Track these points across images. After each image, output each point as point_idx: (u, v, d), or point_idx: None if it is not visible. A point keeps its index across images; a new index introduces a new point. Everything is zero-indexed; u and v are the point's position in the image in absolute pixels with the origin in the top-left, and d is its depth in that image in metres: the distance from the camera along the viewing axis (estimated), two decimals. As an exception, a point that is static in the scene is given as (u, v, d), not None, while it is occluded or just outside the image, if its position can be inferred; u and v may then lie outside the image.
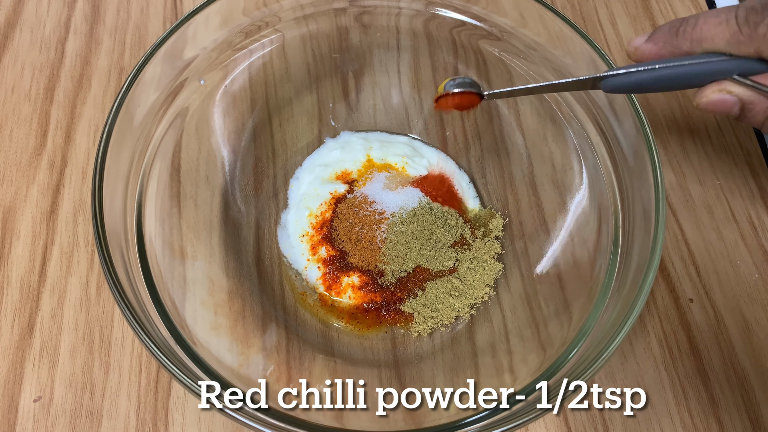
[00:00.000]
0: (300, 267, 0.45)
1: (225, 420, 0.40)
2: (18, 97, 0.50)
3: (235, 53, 0.44)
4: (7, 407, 0.40)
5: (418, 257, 0.44)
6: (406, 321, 0.43)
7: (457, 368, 0.41)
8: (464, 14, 0.44)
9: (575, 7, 0.57)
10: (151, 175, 0.40)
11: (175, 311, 0.36)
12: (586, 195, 0.42)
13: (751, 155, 0.50)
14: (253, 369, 0.38)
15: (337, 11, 0.46)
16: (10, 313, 0.42)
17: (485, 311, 0.43)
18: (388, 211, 0.45)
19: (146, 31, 0.54)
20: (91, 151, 0.48)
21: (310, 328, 0.43)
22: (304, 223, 0.46)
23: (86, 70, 0.52)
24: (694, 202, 0.48)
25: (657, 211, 0.34)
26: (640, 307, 0.32)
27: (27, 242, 0.45)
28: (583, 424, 0.40)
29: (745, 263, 0.46)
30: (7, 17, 0.54)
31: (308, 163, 0.48)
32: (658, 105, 0.52)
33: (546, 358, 0.37)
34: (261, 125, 0.48)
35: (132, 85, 0.37)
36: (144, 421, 0.40)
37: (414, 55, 0.49)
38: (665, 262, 0.46)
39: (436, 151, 0.49)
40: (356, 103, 0.50)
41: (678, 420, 0.41)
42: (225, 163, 0.46)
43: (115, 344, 0.42)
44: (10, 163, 0.48)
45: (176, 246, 0.40)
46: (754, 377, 0.42)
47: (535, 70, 0.44)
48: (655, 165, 0.35)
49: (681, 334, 0.43)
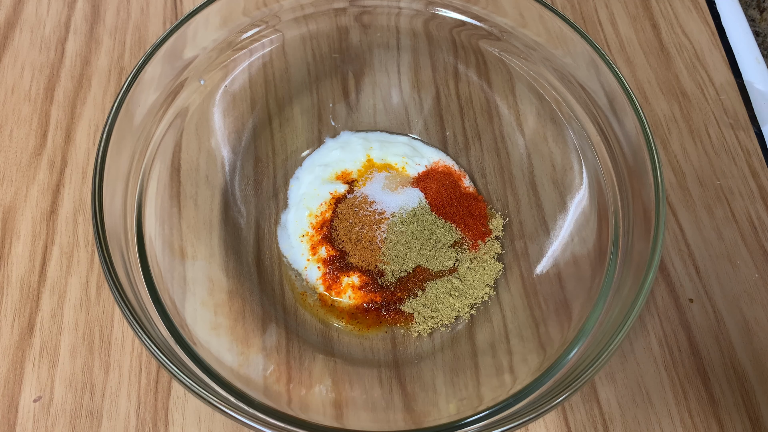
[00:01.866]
0: (300, 267, 0.45)
1: (225, 420, 0.40)
2: (18, 97, 0.50)
3: (235, 53, 0.44)
4: (7, 407, 0.40)
5: (418, 257, 0.44)
6: (406, 321, 0.43)
7: (457, 368, 0.41)
8: (464, 14, 0.44)
9: (575, 7, 0.57)
10: (151, 175, 0.40)
11: (175, 311, 0.36)
12: (586, 195, 0.42)
13: (751, 155, 0.50)
14: (253, 369, 0.38)
15: (337, 11, 0.46)
16: (10, 313, 0.42)
17: (485, 311, 0.43)
18: (388, 211, 0.45)
19: (146, 31, 0.54)
20: (91, 151, 0.48)
21: (310, 328, 0.43)
22: (304, 223, 0.46)
23: (86, 70, 0.52)
24: (694, 202, 0.48)
25: (657, 211, 0.34)
26: (640, 307, 0.32)
27: (27, 242, 0.45)
28: (583, 424, 0.40)
29: (745, 263, 0.46)
30: (7, 17, 0.54)
31: (308, 163, 0.48)
32: (658, 105, 0.52)
33: (546, 358, 0.37)
34: (261, 125, 0.48)
35: (132, 85, 0.37)
36: (144, 421, 0.40)
37: (414, 55, 0.49)
38: (665, 262, 0.46)
39: (436, 151, 0.49)
40: (356, 103, 0.50)
41: (678, 420, 0.41)
42: (225, 163, 0.46)
43: (115, 344, 0.42)
44: (10, 163, 0.48)
45: (176, 246, 0.40)
46: (754, 377, 0.42)
47: (535, 70, 0.44)
48: (655, 165, 0.35)
49: (681, 334, 0.43)
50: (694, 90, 0.53)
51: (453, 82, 0.49)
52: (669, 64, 0.54)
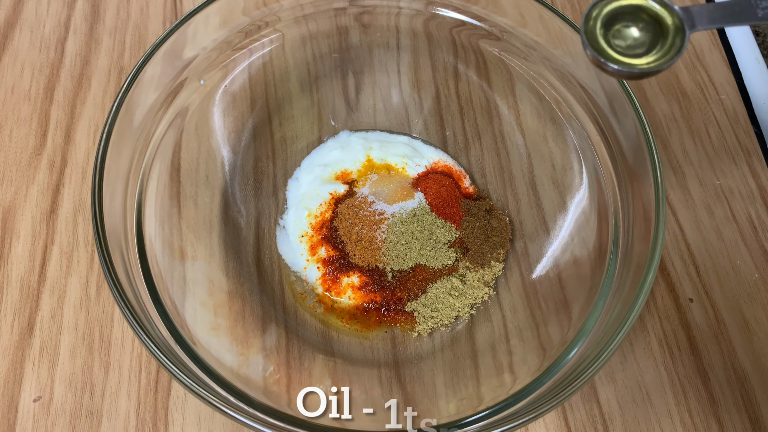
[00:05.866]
0: (299, 268, 0.44)
1: (225, 420, 0.40)
2: (18, 96, 0.50)
3: (235, 53, 0.44)
4: (7, 407, 0.40)
5: (418, 257, 0.44)
6: (406, 321, 0.43)
7: (457, 368, 0.41)
8: (464, 14, 0.44)
9: (575, 7, 0.57)
10: (151, 175, 0.40)
11: (175, 311, 0.36)
12: (586, 195, 0.42)
13: (751, 155, 0.50)
14: (252, 369, 0.38)
15: (337, 11, 0.46)
16: (10, 313, 0.42)
17: (485, 311, 0.43)
18: (388, 211, 0.45)
19: (146, 30, 0.54)
20: (91, 151, 0.48)
21: (309, 328, 0.43)
22: (303, 224, 0.46)
23: (86, 70, 0.52)
24: (694, 202, 0.48)
25: (657, 211, 0.34)
26: (640, 307, 0.32)
27: (27, 242, 0.45)
28: (583, 424, 0.40)
29: (745, 263, 0.46)
30: (7, 17, 0.54)
31: (307, 164, 0.48)
32: (658, 105, 0.52)
33: (546, 358, 0.37)
34: (261, 125, 0.48)
35: (132, 85, 0.37)
36: (144, 421, 0.40)
37: (414, 55, 0.49)
38: (665, 262, 0.46)
39: (436, 150, 0.49)
40: (356, 102, 0.50)
41: (678, 420, 0.41)
42: (225, 163, 0.46)
43: (115, 344, 0.42)
44: (10, 163, 0.48)
45: (176, 246, 0.40)
46: (754, 377, 0.42)
47: (535, 70, 0.44)
48: (655, 165, 0.35)
49: (681, 334, 0.43)
50: (694, 90, 0.53)
51: (453, 81, 0.49)
52: (669, 64, 0.54)
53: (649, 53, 0.28)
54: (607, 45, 0.28)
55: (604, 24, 0.28)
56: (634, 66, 0.28)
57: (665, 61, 0.28)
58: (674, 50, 0.28)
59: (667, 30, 0.28)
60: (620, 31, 0.29)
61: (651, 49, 0.28)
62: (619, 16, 0.29)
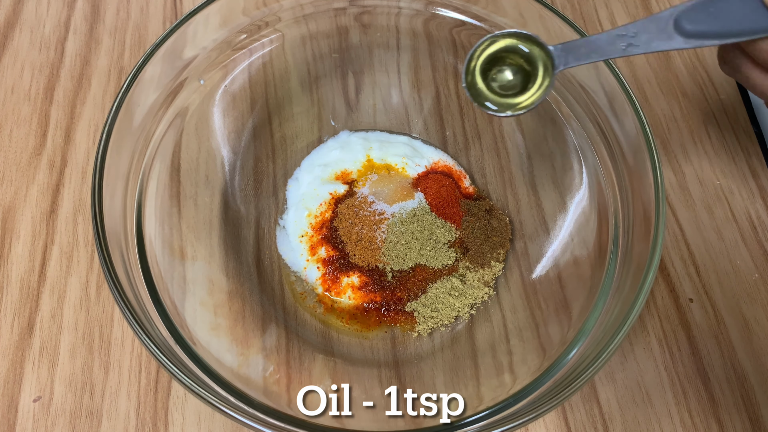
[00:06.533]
0: (299, 268, 0.44)
1: (225, 420, 0.40)
2: (18, 97, 0.50)
3: (235, 53, 0.44)
4: (7, 407, 0.40)
5: (418, 257, 0.44)
6: (406, 321, 0.43)
7: (457, 368, 0.41)
8: (464, 14, 0.44)
9: (575, 7, 0.57)
10: (151, 175, 0.40)
11: (175, 311, 0.36)
12: (586, 195, 0.42)
13: (751, 155, 0.50)
14: (252, 369, 0.38)
15: (337, 11, 0.46)
16: (10, 312, 0.42)
17: (485, 311, 0.43)
18: (388, 211, 0.45)
19: (146, 30, 0.54)
20: (91, 151, 0.48)
21: (309, 328, 0.43)
22: (303, 224, 0.46)
23: (86, 70, 0.52)
24: (694, 202, 0.48)
25: (657, 211, 0.34)
26: (640, 307, 0.32)
27: (27, 242, 0.45)
28: (583, 424, 0.40)
29: (745, 263, 0.46)
30: (7, 17, 0.54)
31: (307, 163, 0.48)
32: (658, 105, 0.52)
33: (546, 358, 0.37)
34: (261, 125, 0.48)
35: (132, 85, 0.37)
36: (144, 421, 0.40)
37: (414, 55, 0.49)
38: (665, 262, 0.46)
39: (436, 150, 0.49)
40: (356, 102, 0.50)
41: (678, 420, 0.41)
42: (225, 163, 0.46)
43: (115, 344, 0.42)
44: (10, 163, 0.48)
45: (176, 246, 0.40)
46: (754, 377, 0.42)
47: (535, 70, 0.44)
48: (655, 165, 0.35)
49: (681, 334, 0.43)
50: (694, 90, 0.53)
51: (453, 81, 0.49)
52: (669, 64, 0.54)
53: (523, 93, 0.32)
54: (489, 90, 0.33)
55: (482, 71, 0.33)
56: (514, 105, 0.32)
57: (537, 99, 0.32)
58: (543, 89, 0.32)
59: (536, 69, 0.32)
60: (496, 76, 0.33)
61: (524, 90, 0.32)
62: (495, 60, 0.33)
